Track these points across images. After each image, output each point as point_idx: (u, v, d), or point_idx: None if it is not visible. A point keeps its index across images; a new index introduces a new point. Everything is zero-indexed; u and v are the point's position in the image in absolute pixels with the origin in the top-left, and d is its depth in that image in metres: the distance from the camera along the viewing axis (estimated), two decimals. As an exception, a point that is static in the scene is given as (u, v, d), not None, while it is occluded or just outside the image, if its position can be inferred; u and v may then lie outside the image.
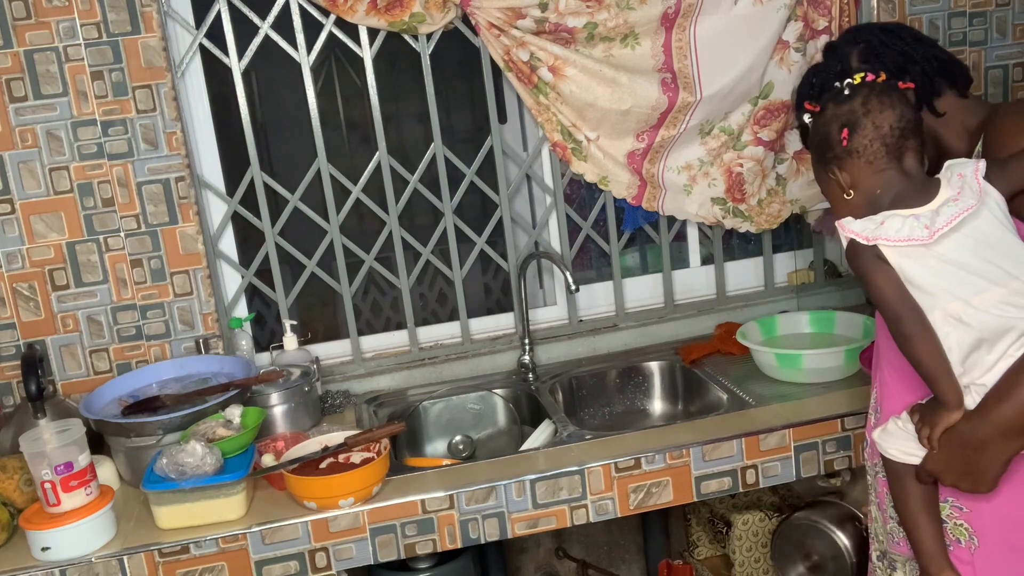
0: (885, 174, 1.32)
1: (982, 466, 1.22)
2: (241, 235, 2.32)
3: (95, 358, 2.18)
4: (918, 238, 1.23)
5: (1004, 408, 1.19)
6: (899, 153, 1.31)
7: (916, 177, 1.32)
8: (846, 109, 1.34)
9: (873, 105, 1.32)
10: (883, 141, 1.31)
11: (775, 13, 2.14)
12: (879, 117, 1.31)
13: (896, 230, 1.25)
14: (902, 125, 1.31)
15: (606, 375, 2.39)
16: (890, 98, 1.33)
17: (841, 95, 1.36)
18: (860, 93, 1.34)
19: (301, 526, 1.72)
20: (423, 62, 2.22)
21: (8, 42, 2.00)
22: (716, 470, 1.85)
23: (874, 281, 1.28)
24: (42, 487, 1.66)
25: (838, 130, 1.34)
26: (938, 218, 1.23)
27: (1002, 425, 1.19)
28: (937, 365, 1.24)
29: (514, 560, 2.53)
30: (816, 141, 1.40)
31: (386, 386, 2.37)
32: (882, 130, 1.31)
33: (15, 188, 2.07)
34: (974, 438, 1.22)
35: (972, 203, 1.23)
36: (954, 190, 1.26)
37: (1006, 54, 2.39)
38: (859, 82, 1.35)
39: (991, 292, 1.21)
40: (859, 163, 1.33)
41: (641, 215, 2.42)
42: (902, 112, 1.32)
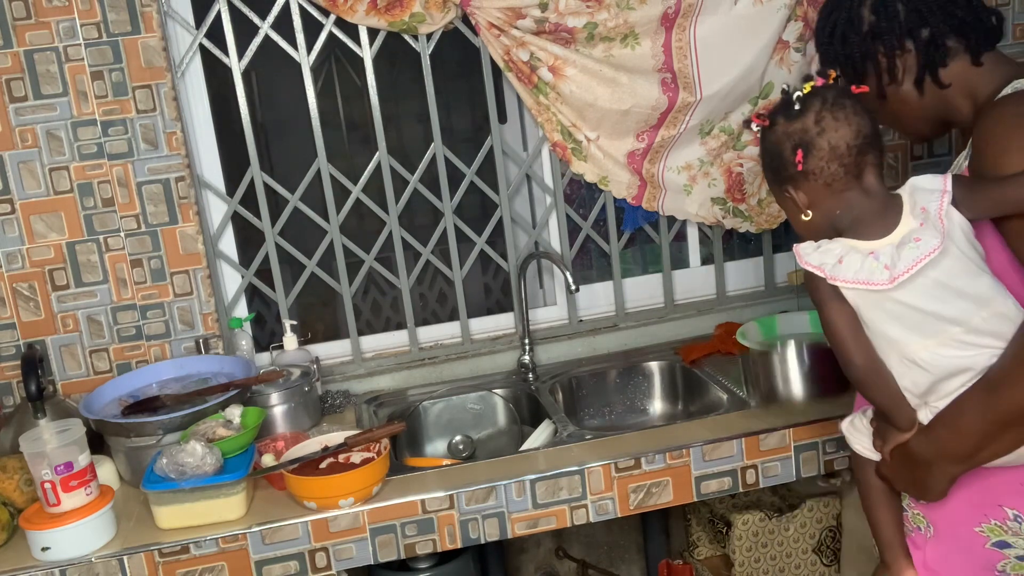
0: (844, 195, 1.25)
1: (928, 482, 1.26)
2: (241, 235, 2.32)
3: (95, 358, 2.18)
4: (877, 282, 1.18)
5: (948, 435, 1.21)
6: (858, 171, 1.24)
7: (876, 195, 1.24)
8: (798, 127, 1.25)
9: (827, 123, 1.23)
10: (840, 162, 1.23)
11: (775, 13, 2.14)
12: (834, 136, 1.22)
13: (855, 272, 1.19)
14: (859, 142, 1.23)
15: (606, 375, 2.39)
16: (844, 111, 1.23)
17: (791, 110, 1.26)
18: (812, 107, 1.24)
19: (301, 526, 1.72)
20: (423, 62, 2.22)
21: (8, 42, 2.00)
22: (716, 470, 1.85)
23: (829, 318, 1.25)
24: (42, 487, 1.66)
25: (791, 151, 1.25)
26: (899, 262, 1.17)
27: (944, 450, 1.22)
28: (888, 400, 1.25)
29: (514, 560, 2.53)
30: (769, 159, 1.31)
31: (386, 386, 2.37)
32: (838, 150, 1.22)
33: (15, 188, 2.07)
34: (919, 457, 1.25)
35: (935, 244, 1.15)
36: (916, 221, 1.19)
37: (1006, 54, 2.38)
38: (810, 91, 1.26)
39: (948, 332, 1.18)
40: (816, 185, 1.25)
41: (641, 215, 2.42)
42: (858, 126, 1.23)
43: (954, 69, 1.33)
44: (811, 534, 2.16)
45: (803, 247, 1.26)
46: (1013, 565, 1.26)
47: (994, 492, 1.25)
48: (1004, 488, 1.24)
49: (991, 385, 1.17)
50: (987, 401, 1.17)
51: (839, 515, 2.16)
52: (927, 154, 2.41)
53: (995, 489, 1.25)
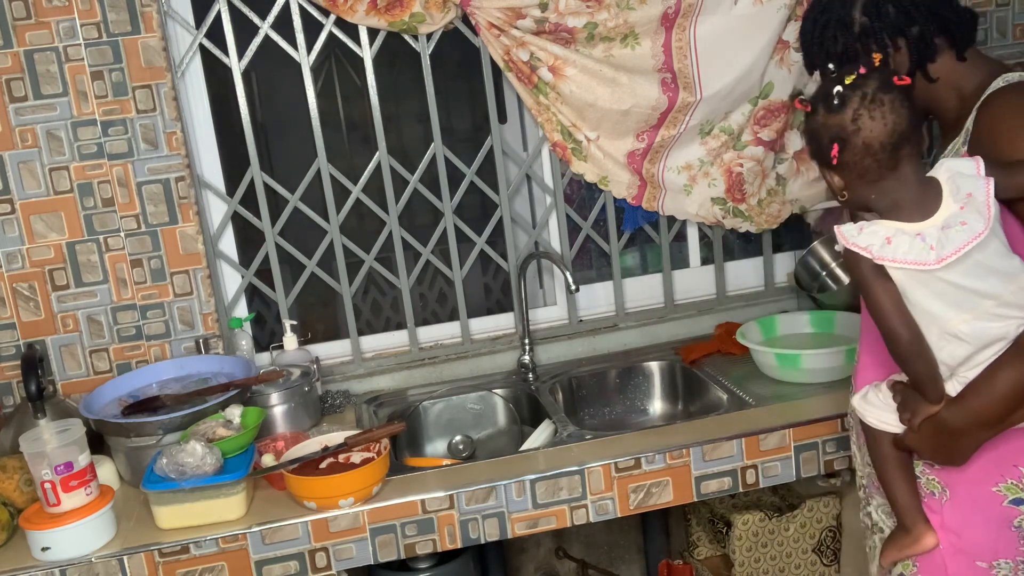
0: (879, 184, 1.29)
1: (957, 449, 1.33)
2: (241, 235, 2.32)
3: (95, 358, 2.18)
4: (925, 262, 1.23)
5: (979, 402, 1.28)
6: (894, 164, 1.28)
7: (913, 183, 1.29)
8: (835, 122, 1.30)
9: (863, 121, 1.27)
10: (874, 158, 1.28)
11: (775, 13, 2.14)
12: (869, 135, 1.27)
13: (904, 252, 1.24)
14: (894, 139, 1.27)
15: (606, 375, 2.39)
16: (882, 108, 1.27)
17: (831, 103, 1.30)
18: (850, 104, 1.28)
19: (301, 526, 1.72)
20: (423, 62, 2.22)
21: (8, 42, 2.00)
22: (716, 470, 1.85)
23: (876, 297, 1.29)
24: (42, 487, 1.66)
25: (828, 143, 1.31)
26: (946, 243, 1.23)
27: (978, 417, 1.28)
28: (926, 374, 1.31)
29: (514, 560, 2.53)
30: (808, 141, 1.38)
31: (386, 386, 2.37)
32: (872, 148, 1.27)
33: (15, 188, 2.07)
34: (952, 426, 1.31)
35: (981, 229, 1.22)
36: (958, 204, 1.24)
37: (1006, 54, 2.39)
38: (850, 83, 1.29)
39: (983, 306, 1.25)
40: (851, 175, 1.31)
41: (641, 215, 2.42)
42: (894, 124, 1.27)
43: (941, 64, 1.42)
44: (811, 534, 2.16)
45: (846, 229, 1.30)
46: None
47: (1009, 453, 1.33)
48: (1019, 449, 1.33)
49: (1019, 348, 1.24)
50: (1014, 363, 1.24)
51: (839, 515, 2.16)
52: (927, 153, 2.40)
53: (1010, 450, 1.33)
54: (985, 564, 1.36)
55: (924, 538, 1.40)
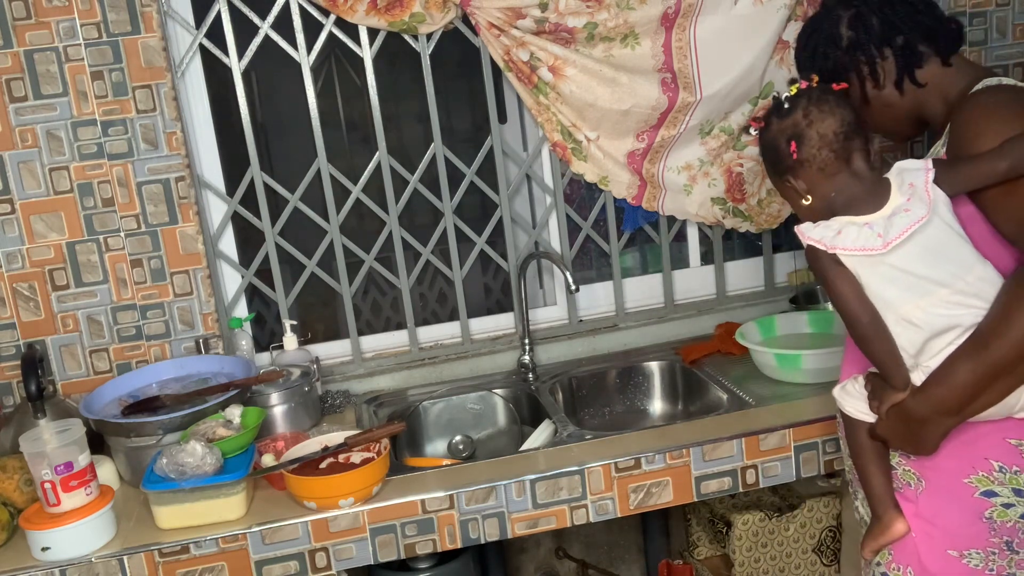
0: (837, 177, 1.38)
1: (923, 437, 1.37)
2: (241, 235, 2.32)
3: (95, 358, 2.18)
4: (872, 248, 1.31)
5: (941, 390, 1.32)
6: (847, 155, 1.38)
7: (866, 177, 1.38)
8: (789, 123, 1.41)
9: (814, 116, 1.38)
10: (830, 148, 1.38)
11: (775, 13, 2.14)
12: (822, 126, 1.38)
13: (852, 240, 1.33)
14: (844, 129, 1.37)
15: (606, 375, 2.39)
16: (828, 104, 1.39)
17: (782, 109, 1.42)
18: (799, 105, 1.40)
19: (301, 526, 1.72)
20: (423, 62, 2.22)
21: (8, 42, 2.00)
22: (716, 470, 1.85)
23: (835, 285, 1.37)
24: (42, 487, 1.66)
25: (786, 143, 1.40)
26: (891, 229, 1.31)
27: (939, 405, 1.33)
28: (888, 358, 1.36)
29: (514, 560, 2.53)
30: (768, 155, 1.47)
31: (386, 386, 2.37)
32: (827, 137, 1.37)
33: (15, 188, 2.07)
34: (916, 414, 1.36)
35: (923, 214, 1.30)
36: (904, 196, 1.33)
37: (1006, 54, 2.39)
38: (796, 93, 1.42)
39: (938, 294, 1.31)
40: (811, 171, 1.40)
41: (641, 215, 2.42)
42: (842, 116, 1.38)
43: (928, 70, 1.47)
44: (811, 534, 2.16)
45: (804, 226, 1.39)
46: (999, 512, 1.38)
47: (981, 447, 1.38)
48: (989, 442, 1.37)
49: (980, 340, 1.29)
50: (977, 355, 1.29)
51: (839, 515, 2.16)
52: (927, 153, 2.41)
53: (981, 444, 1.37)
54: (956, 553, 1.40)
55: (895, 525, 1.44)
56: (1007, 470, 1.36)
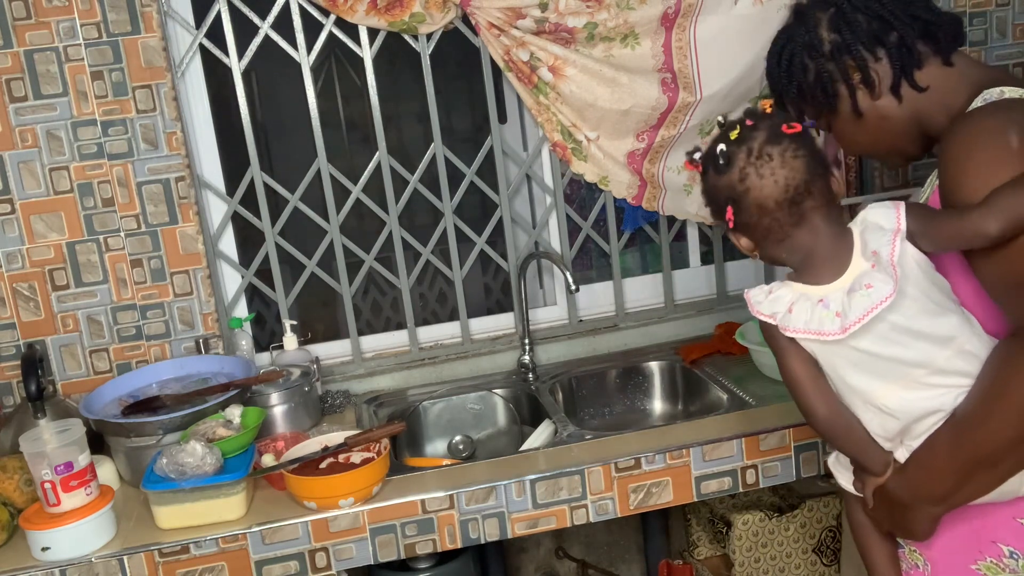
0: (785, 242, 1.18)
1: (910, 523, 1.23)
2: (241, 235, 2.32)
3: (95, 358, 2.18)
4: (828, 332, 1.13)
5: (922, 476, 1.19)
6: (796, 220, 1.16)
7: (825, 236, 1.16)
8: (725, 183, 1.18)
9: (751, 180, 1.15)
10: (771, 217, 1.16)
11: (775, 13, 2.14)
12: (760, 194, 1.15)
13: (805, 321, 1.15)
14: (790, 195, 1.14)
15: (606, 375, 2.39)
16: (771, 164, 1.14)
17: (718, 164, 1.18)
18: (736, 162, 1.16)
19: (301, 526, 1.72)
20: (423, 62, 2.22)
21: (8, 42, 2.00)
22: (716, 470, 1.85)
23: (787, 368, 1.21)
24: (42, 487, 1.66)
25: (723, 205, 1.20)
26: (851, 309, 1.11)
27: (920, 491, 1.20)
28: (857, 448, 1.22)
29: (514, 560, 2.53)
30: (706, 202, 1.26)
31: (386, 386, 2.37)
32: (766, 207, 1.15)
33: (15, 188, 2.07)
34: (897, 499, 1.22)
35: (887, 292, 1.09)
36: (868, 263, 1.13)
37: (1006, 54, 2.39)
38: (735, 139, 1.17)
39: (912, 375, 1.14)
40: (756, 234, 1.20)
41: (641, 215, 2.42)
42: (786, 179, 1.14)
43: (928, 72, 1.27)
44: (811, 534, 2.16)
45: (754, 294, 1.22)
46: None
47: (989, 529, 1.23)
48: (998, 524, 1.22)
49: (959, 426, 1.14)
50: (957, 442, 1.14)
51: (839, 515, 2.16)
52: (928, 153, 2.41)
53: (989, 526, 1.23)
54: None
55: None
56: (1019, 556, 1.21)
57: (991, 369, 1.12)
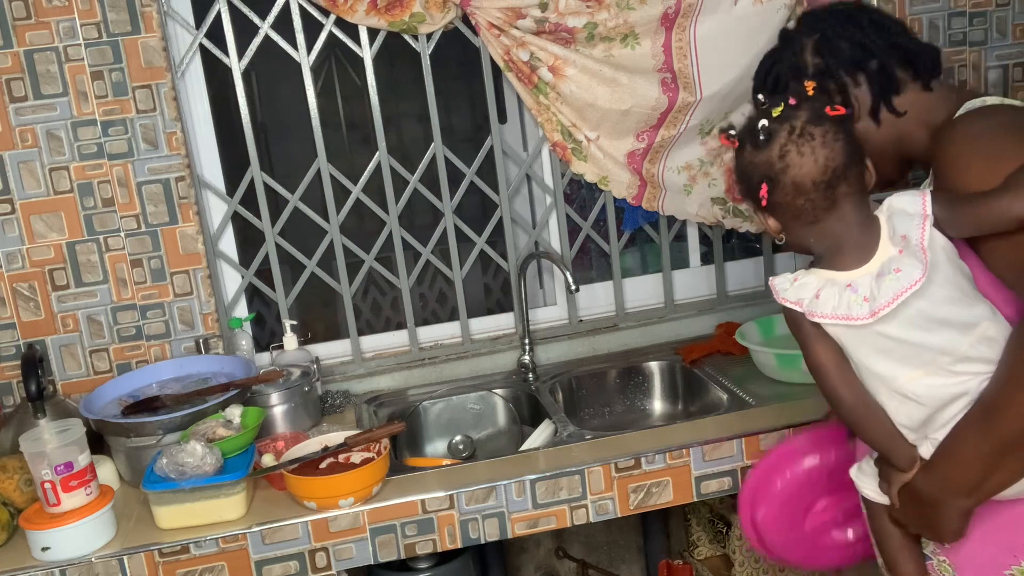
0: (817, 226, 1.19)
1: (939, 520, 1.22)
2: (241, 235, 2.32)
3: (95, 358, 2.18)
4: (857, 316, 1.13)
5: (950, 468, 1.18)
6: (830, 204, 1.17)
7: (853, 223, 1.18)
8: (763, 159, 1.19)
9: (791, 158, 1.16)
10: (807, 197, 1.17)
11: (775, 13, 2.14)
12: (799, 172, 1.16)
13: (833, 307, 1.15)
14: (827, 177, 1.16)
15: (606, 375, 2.39)
16: (812, 143, 1.16)
17: (757, 140, 1.19)
18: (777, 139, 1.18)
19: (301, 526, 1.72)
20: (423, 62, 2.22)
21: (8, 42, 2.00)
22: (716, 470, 1.85)
23: (813, 355, 1.21)
24: (42, 487, 1.66)
25: (757, 182, 1.20)
26: (880, 293, 1.12)
27: (949, 484, 1.19)
28: (883, 436, 1.21)
29: (514, 560, 2.53)
30: (739, 181, 1.27)
31: (386, 386, 2.37)
32: (803, 187, 1.16)
33: (15, 188, 2.07)
34: (926, 495, 1.21)
35: (917, 276, 1.10)
36: (895, 248, 1.14)
37: (1006, 54, 2.39)
38: (778, 116, 1.18)
39: (937, 361, 1.14)
40: (785, 216, 1.21)
41: (641, 215, 2.42)
42: (827, 159, 1.16)
43: (907, 97, 1.31)
44: (811, 534, 2.15)
45: (779, 282, 1.23)
46: None
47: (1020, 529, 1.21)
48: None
49: (987, 410, 1.14)
50: (985, 427, 1.14)
51: (839, 515, 2.15)
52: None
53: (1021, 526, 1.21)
54: None
55: None
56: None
57: (1012, 353, 1.12)
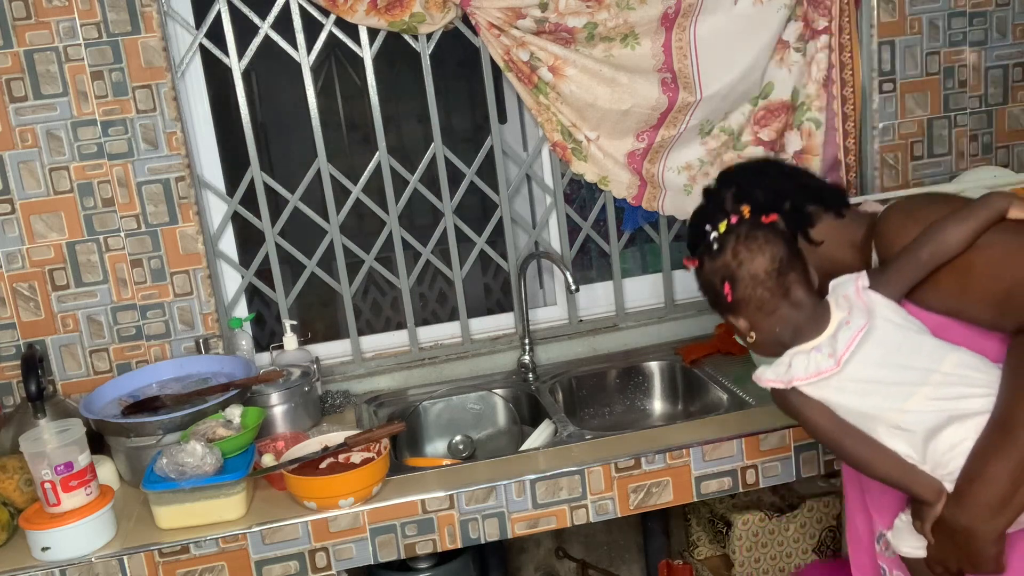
0: (777, 313, 1.35)
1: (976, 548, 1.22)
2: (241, 235, 2.32)
3: (95, 358, 2.18)
4: (826, 369, 1.27)
5: (976, 488, 1.20)
6: (783, 290, 1.34)
7: (807, 305, 1.35)
8: (720, 264, 1.38)
9: (743, 256, 1.35)
10: (764, 286, 1.34)
11: (775, 13, 2.14)
12: (752, 265, 1.34)
13: (804, 368, 1.29)
14: (776, 266, 1.34)
15: (606, 375, 2.39)
16: (757, 241, 1.35)
17: (712, 249, 1.39)
18: (728, 244, 1.37)
19: (301, 526, 1.72)
20: (423, 62, 2.22)
21: (8, 42, 2.00)
22: (716, 470, 1.85)
23: (808, 419, 1.32)
24: (42, 487, 1.66)
25: (720, 284, 1.38)
26: (838, 344, 1.27)
27: (980, 506, 1.21)
28: (900, 472, 1.27)
29: (514, 560, 2.53)
30: (706, 294, 1.44)
31: (386, 386, 2.37)
32: (759, 277, 1.34)
33: (15, 188, 2.07)
34: (958, 524, 1.23)
35: (863, 322, 1.27)
36: (844, 311, 1.30)
37: (1006, 54, 2.39)
38: (725, 230, 1.38)
39: (919, 393, 1.24)
40: (750, 310, 1.36)
41: (641, 215, 2.42)
42: (772, 253, 1.35)
43: (822, 228, 1.45)
44: (811, 534, 2.16)
45: (758, 372, 1.36)
46: None
47: None
48: None
49: (1003, 427, 1.18)
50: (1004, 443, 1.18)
51: (839, 515, 2.15)
52: (927, 154, 2.41)
53: None
54: None
55: None
56: None
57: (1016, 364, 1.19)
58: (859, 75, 2.30)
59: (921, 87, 2.37)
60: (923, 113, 2.39)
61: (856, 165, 2.37)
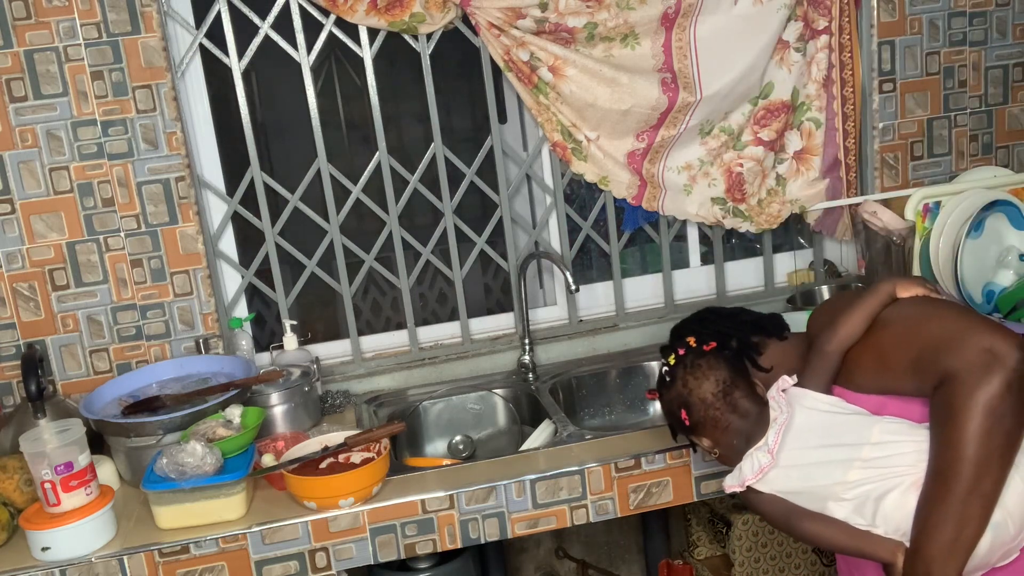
0: (731, 427, 1.49)
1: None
2: (241, 235, 2.32)
3: (95, 358, 2.18)
4: (766, 464, 1.42)
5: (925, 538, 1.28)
6: (732, 407, 1.49)
7: (753, 413, 1.48)
8: (674, 393, 1.54)
9: (691, 384, 1.51)
10: (713, 408, 1.49)
11: (775, 13, 2.14)
12: (700, 391, 1.50)
13: (751, 467, 1.44)
14: (721, 388, 1.50)
15: (606, 375, 2.39)
16: (701, 369, 1.51)
17: (664, 382, 1.57)
18: (678, 375, 1.54)
19: (301, 526, 1.72)
20: (423, 62, 2.22)
21: (8, 42, 2.00)
22: (716, 470, 1.85)
23: (762, 512, 1.46)
24: (42, 487, 1.66)
25: (677, 412, 1.53)
26: (770, 440, 1.43)
27: (932, 554, 1.27)
28: (853, 541, 1.36)
29: (514, 560, 2.53)
30: (669, 420, 1.60)
31: (386, 386, 2.37)
32: (707, 400, 1.50)
33: (15, 188, 2.07)
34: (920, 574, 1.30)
35: (784, 414, 1.43)
36: (775, 411, 1.45)
37: (1006, 54, 2.39)
38: (673, 363, 1.55)
39: (853, 467, 1.35)
40: (708, 429, 1.51)
41: (641, 215, 2.42)
42: (716, 376, 1.50)
43: (771, 353, 1.57)
44: (811, 534, 2.15)
45: (726, 481, 1.49)
46: None
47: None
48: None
49: (939, 475, 1.27)
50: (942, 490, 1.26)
51: (839, 515, 2.16)
52: (927, 154, 2.41)
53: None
54: None
55: None
56: None
57: (941, 415, 1.27)
58: (859, 75, 2.30)
59: (921, 87, 2.37)
60: (923, 113, 2.39)
61: (856, 165, 2.37)
